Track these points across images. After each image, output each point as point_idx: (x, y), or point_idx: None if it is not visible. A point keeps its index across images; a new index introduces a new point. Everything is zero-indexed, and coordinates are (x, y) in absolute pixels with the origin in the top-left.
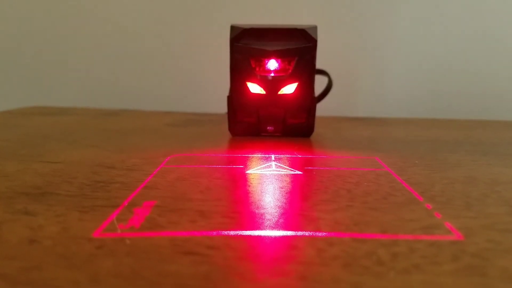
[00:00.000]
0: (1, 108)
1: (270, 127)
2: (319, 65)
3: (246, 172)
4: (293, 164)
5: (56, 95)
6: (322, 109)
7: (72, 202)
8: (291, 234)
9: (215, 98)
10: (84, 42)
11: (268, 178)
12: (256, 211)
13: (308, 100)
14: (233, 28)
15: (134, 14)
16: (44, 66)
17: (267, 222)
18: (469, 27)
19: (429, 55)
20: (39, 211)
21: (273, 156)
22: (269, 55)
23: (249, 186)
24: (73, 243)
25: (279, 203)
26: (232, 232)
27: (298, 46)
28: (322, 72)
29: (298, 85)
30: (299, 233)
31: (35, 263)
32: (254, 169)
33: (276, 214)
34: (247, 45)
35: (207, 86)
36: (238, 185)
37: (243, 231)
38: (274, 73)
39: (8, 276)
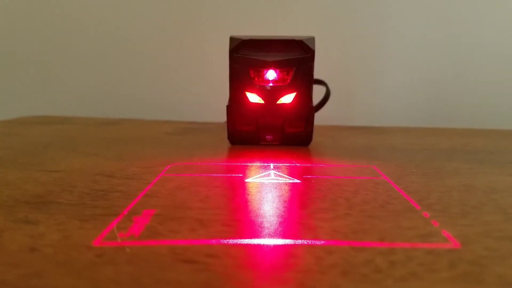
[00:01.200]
0: (2, 117)
1: (269, 136)
2: (317, 75)
3: (245, 180)
4: (291, 173)
5: (56, 104)
6: (320, 118)
7: (73, 211)
8: (289, 243)
9: (214, 108)
10: (84, 51)
11: (267, 186)
12: (255, 219)
13: (306, 110)
14: (232, 39)
15: (135, 24)
16: (44, 76)
17: (266, 231)
18: (466, 37)
19: (426, 64)
20: (40, 219)
21: (272, 164)
22: (268, 66)
23: (248, 194)
24: (73, 251)
25: (278, 212)
26: (231, 241)
27: (296, 57)
28: (320, 82)
29: (296, 94)
30: (298, 241)
31: (36, 270)
32: (253, 177)
33: (275, 222)
34: (246, 55)
35: (207, 95)
36: (237, 194)
37: (242, 240)
38: (272, 83)
39: (9, 283)
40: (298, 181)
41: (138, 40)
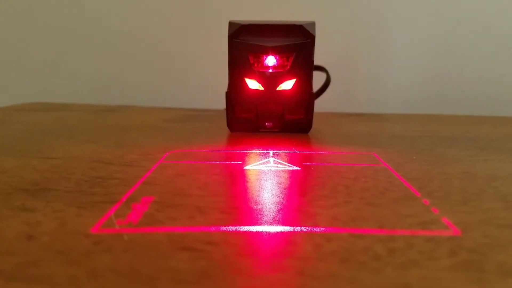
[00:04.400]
0: (0, 104)
1: (268, 123)
2: (317, 61)
3: (244, 168)
4: (291, 160)
5: (54, 91)
6: (320, 105)
7: (70, 198)
8: (288, 230)
9: (213, 94)
10: (83, 38)
11: (266, 174)
12: (254, 206)
13: (306, 96)
14: (231, 24)
15: (132, 10)
16: (43, 63)
17: (265, 218)
18: (467, 23)
19: (427, 51)
20: (37, 207)
21: (271, 152)
22: (267, 51)
23: (247, 182)
24: (71, 239)
25: (277, 199)
26: (230, 228)
27: (296, 42)
28: (320, 68)
29: (296, 81)
30: (297, 228)
31: (32, 259)
32: (252, 165)
33: (274, 209)
34: (245, 41)
35: (206, 82)
36: (236, 181)
37: (241, 227)
38: (272, 69)
39: (6, 272)
40: (297, 168)
41: (137, 27)
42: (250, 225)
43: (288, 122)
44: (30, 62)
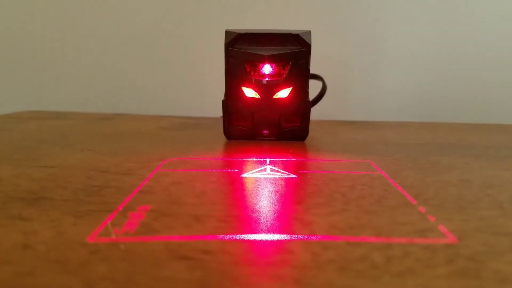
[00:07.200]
0: None
1: (265, 131)
2: (313, 69)
3: (241, 176)
4: (287, 168)
5: (51, 99)
6: (317, 113)
7: (67, 207)
8: (285, 238)
9: (210, 102)
10: (79, 46)
11: (263, 181)
12: (251, 215)
13: (302, 104)
14: (228, 33)
15: (129, 19)
16: (39, 71)
17: (262, 226)
18: (461, 33)
19: (422, 60)
20: (34, 216)
21: (268, 159)
22: (264, 60)
23: (244, 190)
24: (67, 248)
25: (274, 207)
26: (227, 236)
27: (292, 51)
28: (316, 77)
29: (292, 89)
30: (294, 236)
31: (28, 268)
32: (249, 172)
33: (270, 218)
34: (242, 49)
35: (203, 90)
36: (233, 189)
37: (238, 235)
38: (268, 78)
39: (1, 282)
40: (294, 176)
41: (133, 35)
42: (247, 234)
43: (284, 130)
44: (26, 71)
